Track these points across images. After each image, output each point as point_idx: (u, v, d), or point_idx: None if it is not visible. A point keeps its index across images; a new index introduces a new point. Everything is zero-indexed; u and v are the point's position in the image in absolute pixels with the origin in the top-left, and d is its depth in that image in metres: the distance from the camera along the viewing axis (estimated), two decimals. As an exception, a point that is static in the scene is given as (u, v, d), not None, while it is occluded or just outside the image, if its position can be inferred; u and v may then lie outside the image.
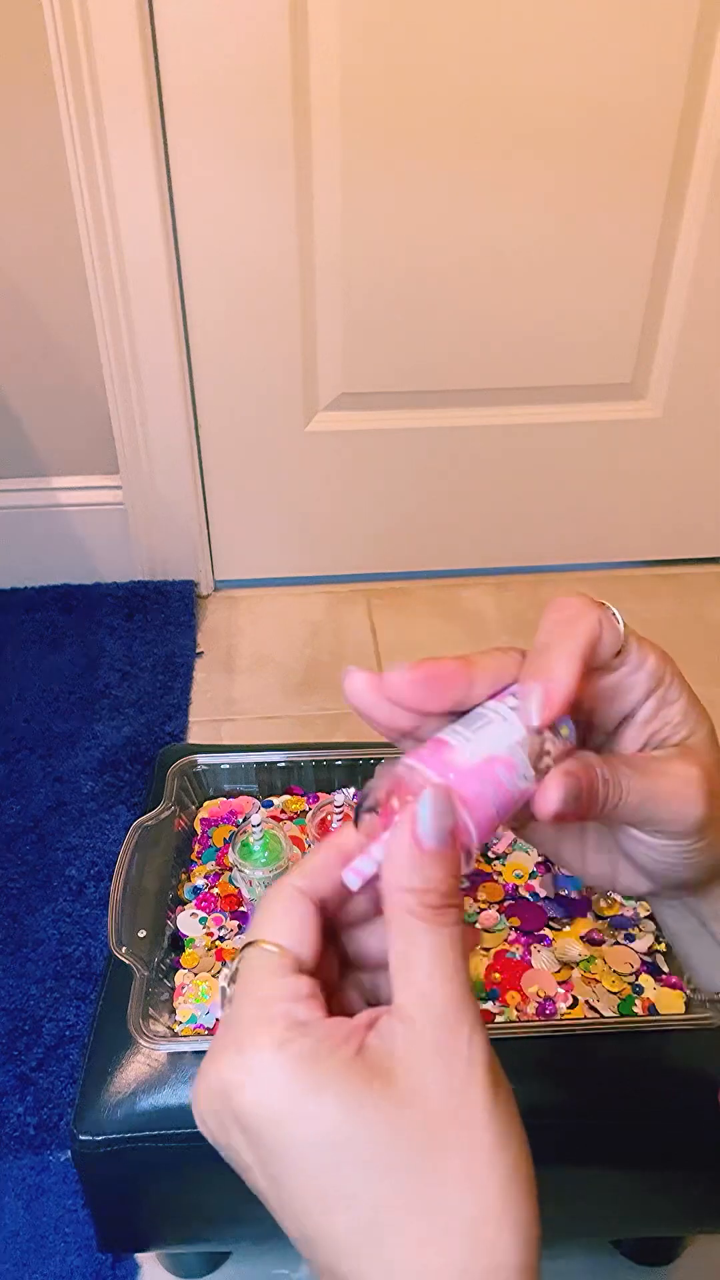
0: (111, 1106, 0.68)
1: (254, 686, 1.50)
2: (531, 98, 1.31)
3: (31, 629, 1.57)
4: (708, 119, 1.35)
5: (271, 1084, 0.29)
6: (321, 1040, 0.29)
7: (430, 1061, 0.29)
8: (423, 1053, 0.29)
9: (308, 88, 1.30)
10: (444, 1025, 0.30)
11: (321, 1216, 0.28)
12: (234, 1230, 0.79)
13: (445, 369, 1.52)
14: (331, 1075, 0.29)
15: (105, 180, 1.31)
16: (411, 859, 0.32)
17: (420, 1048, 0.29)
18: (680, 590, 1.70)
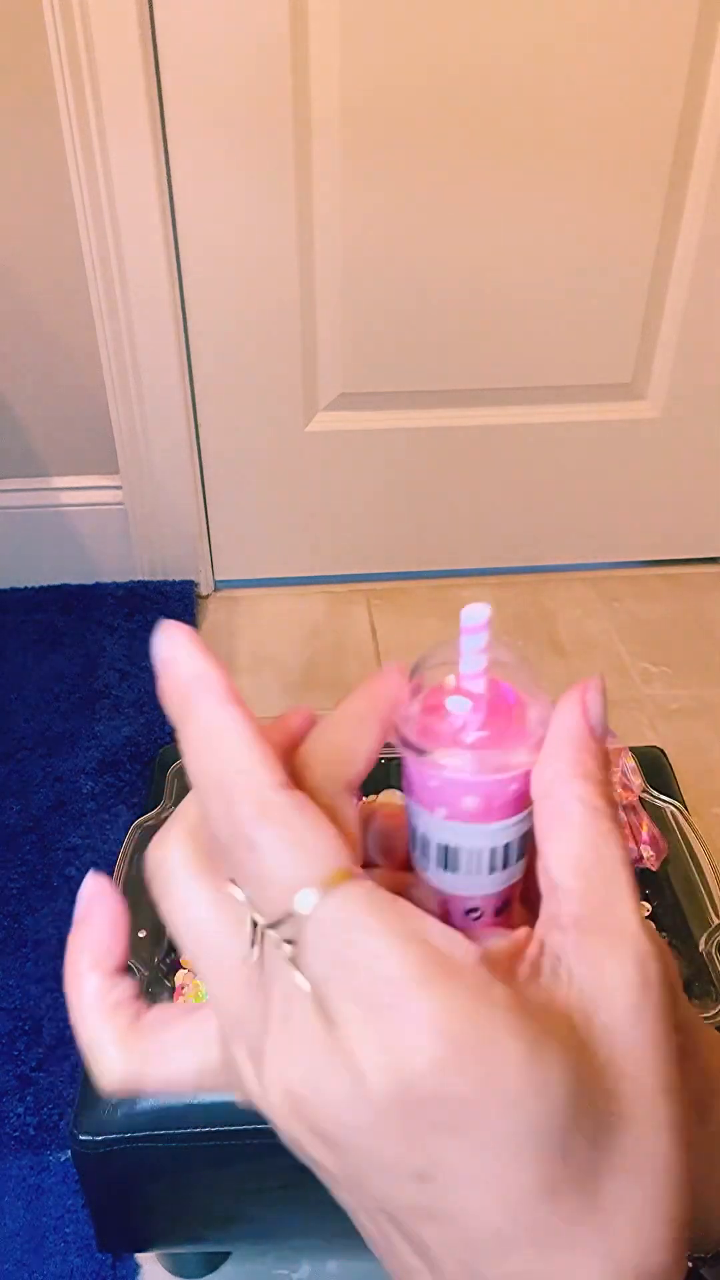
0: (111, 1106, 0.68)
1: (254, 686, 1.50)
2: (531, 97, 1.31)
3: (31, 629, 1.57)
4: (708, 119, 1.34)
5: (496, 1056, 0.21)
6: (501, 976, 0.23)
7: (629, 1001, 0.23)
8: (616, 991, 0.23)
9: (308, 87, 1.30)
10: (639, 956, 0.23)
11: (537, 1207, 0.22)
12: (234, 1230, 0.79)
13: (445, 369, 1.52)
14: (550, 1031, 0.22)
15: (105, 181, 1.31)
16: (590, 746, 0.26)
17: (611, 983, 0.23)
18: (680, 590, 1.70)
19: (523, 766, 0.27)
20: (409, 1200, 0.22)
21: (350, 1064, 0.22)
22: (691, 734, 1.40)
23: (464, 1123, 0.21)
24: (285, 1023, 0.23)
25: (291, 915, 0.22)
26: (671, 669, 1.51)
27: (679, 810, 0.83)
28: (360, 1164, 0.23)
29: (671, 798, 0.85)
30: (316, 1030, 0.22)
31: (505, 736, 0.27)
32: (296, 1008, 0.23)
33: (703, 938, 0.74)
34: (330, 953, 0.22)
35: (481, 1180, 0.22)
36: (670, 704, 1.45)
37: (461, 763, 0.26)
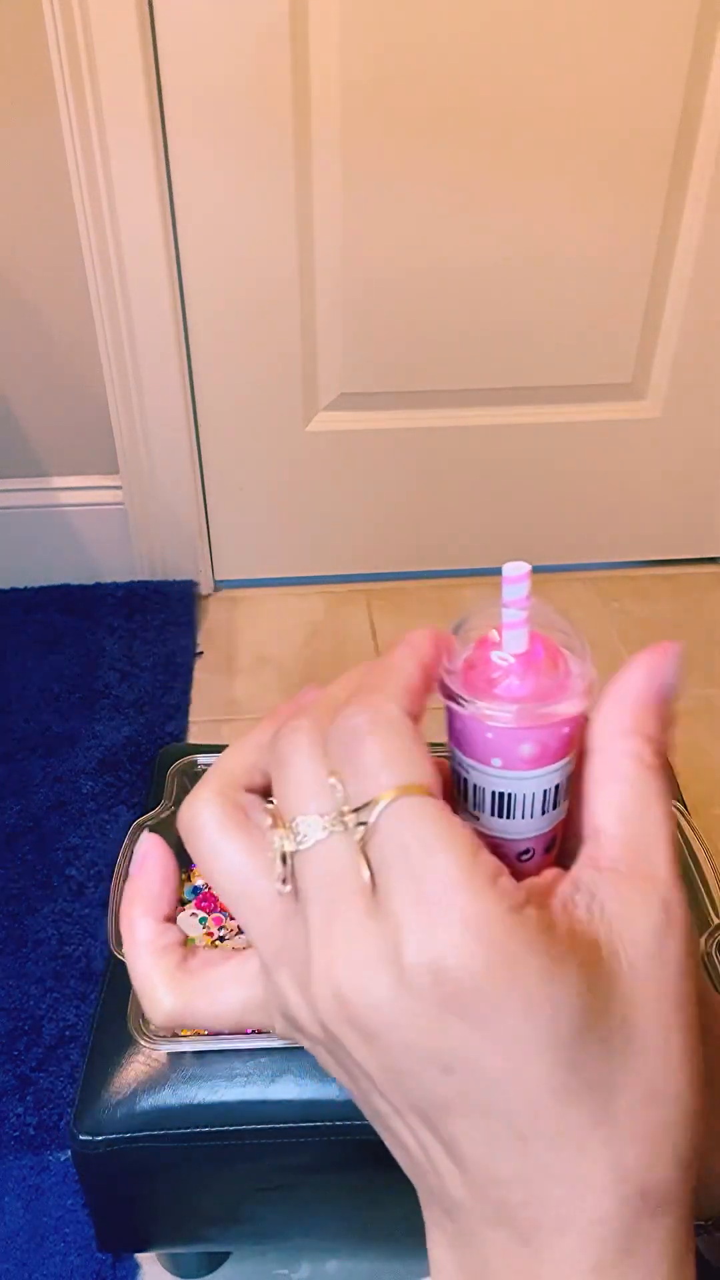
0: (111, 1106, 0.68)
1: (254, 686, 1.50)
2: (531, 97, 1.31)
3: (31, 629, 1.57)
4: (708, 119, 1.34)
5: (521, 958, 0.23)
6: (534, 904, 0.25)
7: (651, 940, 0.25)
8: (640, 926, 0.25)
9: (308, 88, 1.29)
10: (667, 901, 0.25)
11: (552, 1110, 0.24)
12: (234, 1230, 0.79)
13: (445, 369, 1.52)
14: (573, 950, 0.24)
15: (105, 181, 1.31)
16: (652, 705, 0.28)
17: (637, 920, 0.25)
18: (680, 590, 1.70)
19: (570, 712, 0.28)
20: (439, 1093, 0.24)
21: (394, 953, 0.24)
22: (691, 734, 1.40)
23: (487, 1018, 0.23)
24: (329, 932, 0.25)
25: (373, 804, 0.25)
26: (671, 669, 1.51)
27: (679, 810, 0.83)
28: (396, 1056, 0.25)
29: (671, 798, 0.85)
30: (364, 926, 0.24)
31: (550, 685, 0.28)
32: (343, 913, 0.25)
33: (703, 938, 0.74)
34: (398, 842, 0.24)
35: (500, 1075, 0.24)
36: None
37: (514, 713, 0.28)
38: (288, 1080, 0.69)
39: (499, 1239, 0.25)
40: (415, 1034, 0.24)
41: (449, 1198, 0.26)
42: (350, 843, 0.25)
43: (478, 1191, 0.25)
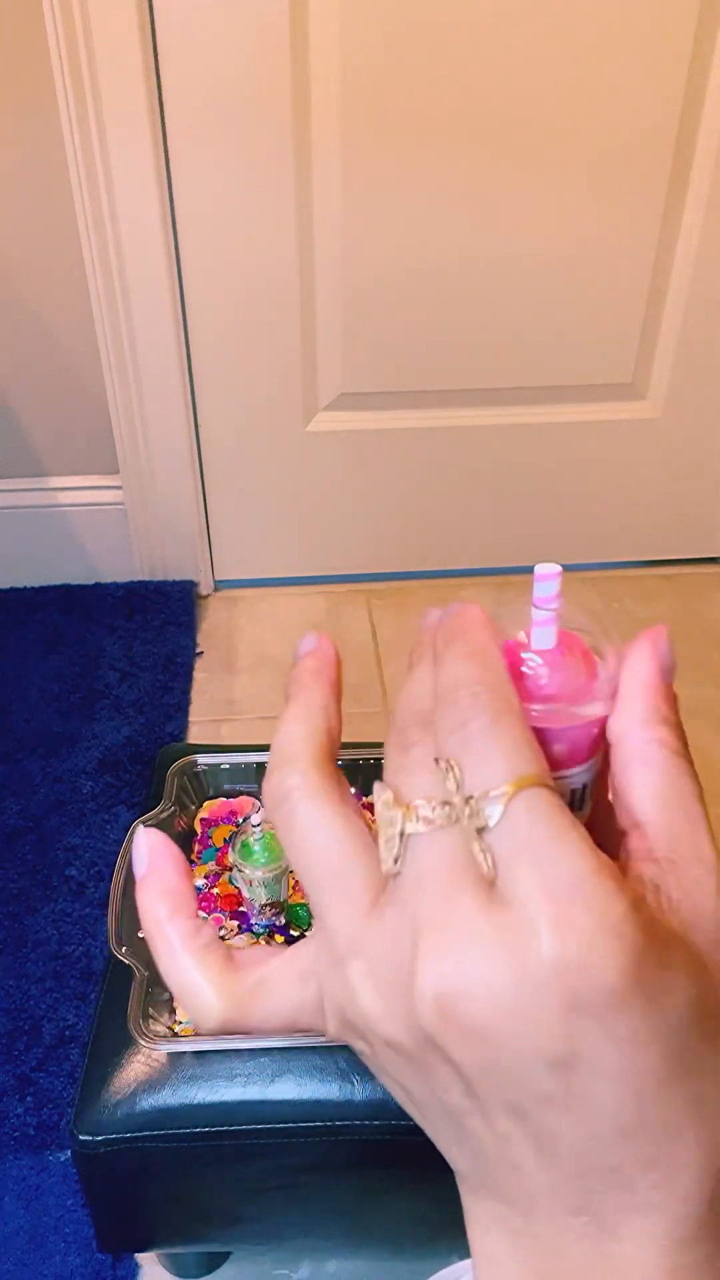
0: (111, 1106, 0.68)
1: (254, 686, 1.50)
2: (531, 98, 1.31)
3: (31, 629, 1.57)
4: (708, 119, 1.35)
5: (646, 958, 0.23)
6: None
7: (716, 921, 0.25)
8: (705, 911, 0.25)
9: (308, 89, 1.30)
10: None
11: (658, 1100, 0.24)
12: (234, 1230, 0.79)
13: (445, 369, 1.52)
14: (680, 946, 0.24)
15: (105, 181, 1.31)
16: (663, 690, 0.28)
17: (701, 905, 0.25)
18: (680, 590, 1.70)
19: (598, 714, 0.28)
20: (544, 1089, 0.24)
21: (523, 947, 0.23)
22: (691, 734, 1.39)
23: (612, 1015, 0.23)
24: (443, 923, 0.24)
25: (500, 795, 0.24)
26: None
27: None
28: (505, 1054, 0.24)
29: (671, 798, 0.85)
30: (487, 919, 0.23)
31: (578, 686, 0.28)
32: (461, 904, 0.24)
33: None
34: (525, 835, 0.24)
35: (614, 1071, 0.23)
36: (670, 704, 1.45)
37: (545, 712, 0.27)
38: (288, 1080, 0.69)
39: (577, 1226, 0.25)
40: (534, 1031, 0.23)
41: (522, 1190, 0.26)
42: (471, 832, 0.24)
43: (564, 1183, 0.25)
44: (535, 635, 0.29)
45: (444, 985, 0.24)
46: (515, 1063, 0.24)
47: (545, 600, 0.29)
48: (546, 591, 0.29)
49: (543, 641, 0.29)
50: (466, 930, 0.24)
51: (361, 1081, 0.68)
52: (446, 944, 0.24)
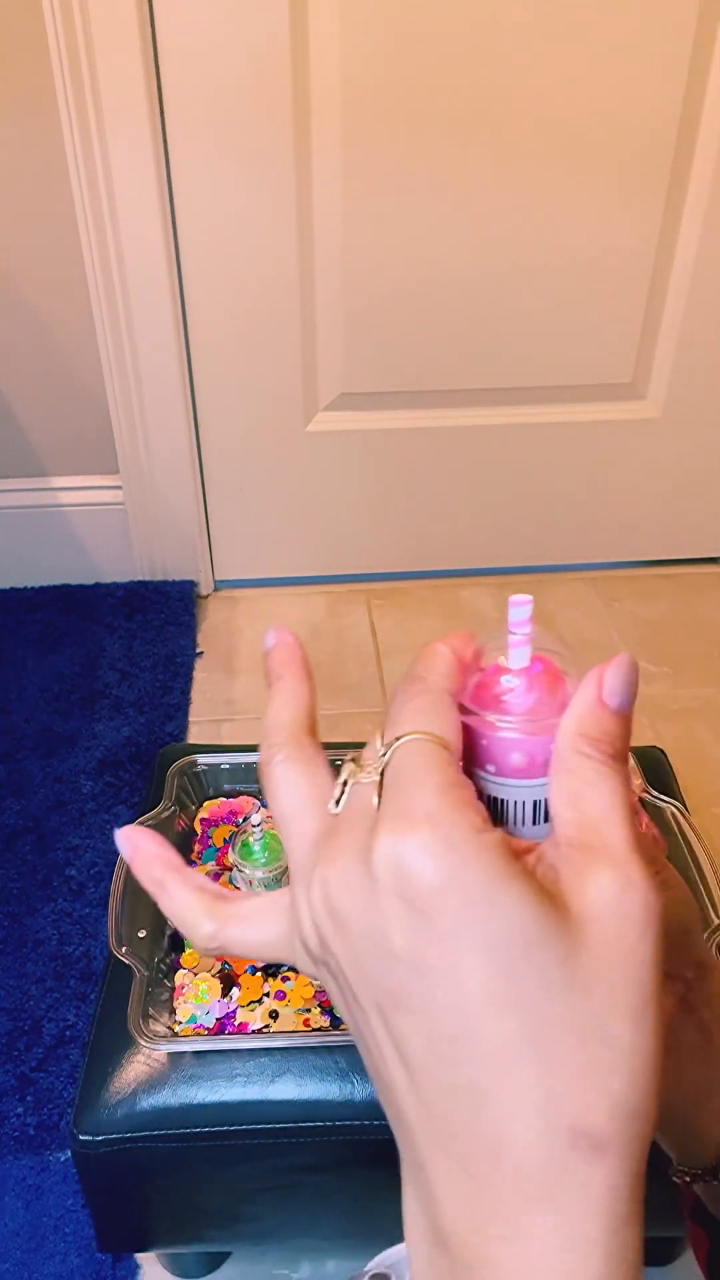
0: (111, 1106, 0.68)
1: (254, 686, 1.50)
2: (531, 97, 1.31)
3: (31, 629, 1.57)
4: (708, 119, 1.35)
5: (471, 864, 0.26)
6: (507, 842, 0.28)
7: (605, 899, 0.27)
8: (593, 888, 0.27)
9: (308, 88, 1.30)
10: (619, 863, 0.28)
11: (483, 1017, 0.26)
12: (234, 1230, 0.79)
13: (445, 369, 1.52)
14: (526, 875, 0.27)
15: (105, 181, 1.31)
16: (596, 711, 0.30)
17: (590, 882, 0.27)
18: (680, 590, 1.70)
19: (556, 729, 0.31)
20: (389, 983, 0.27)
21: (370, 851, 0.28)
22: (691, 734, 1.40)
23: (434, 911, 0.26)
24: (336, 839, 0.29)
25: (393, 743, 0.30)
26: (671, 669, 1.51)
27: (679, 810, 0.83)
28: (358, 943, 0.28)
29: (671, 798, 0.85)
30: (359, 837, 0.28)
31: (546, 704, 0.32)
32: (352, 828, 0.29)
33: (703, 937, 0.74)
34: (397, 770, 0.29)
35: (438, 967, 0.26)
36: (670, 704, 1.45)
37: (508, 723, 0.31)
38: (288, 1080, 0.69)
39: (442, 1165, 0.27)
40: (379, 924, 0.27)
41: (404, 1120, 0.28)
42: (376, 775, 0.30)
43: (423, 1107, 0.27)
44: (510, 656, 0.32)
45: (325, 890, 0.29)
46: (367, 952, 0.28)
47: (518, 624, 0.32)
48: (519, 616, 0.32)
49: (517, 661, 0.32)
50: (350, 846, 0.29)
51: (361, 1081, 0.68)
52: (334, 858, 0.29)
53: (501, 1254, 0.26)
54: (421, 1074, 0.27)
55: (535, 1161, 0.26)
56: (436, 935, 0.26)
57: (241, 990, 0.73)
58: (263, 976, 0.75)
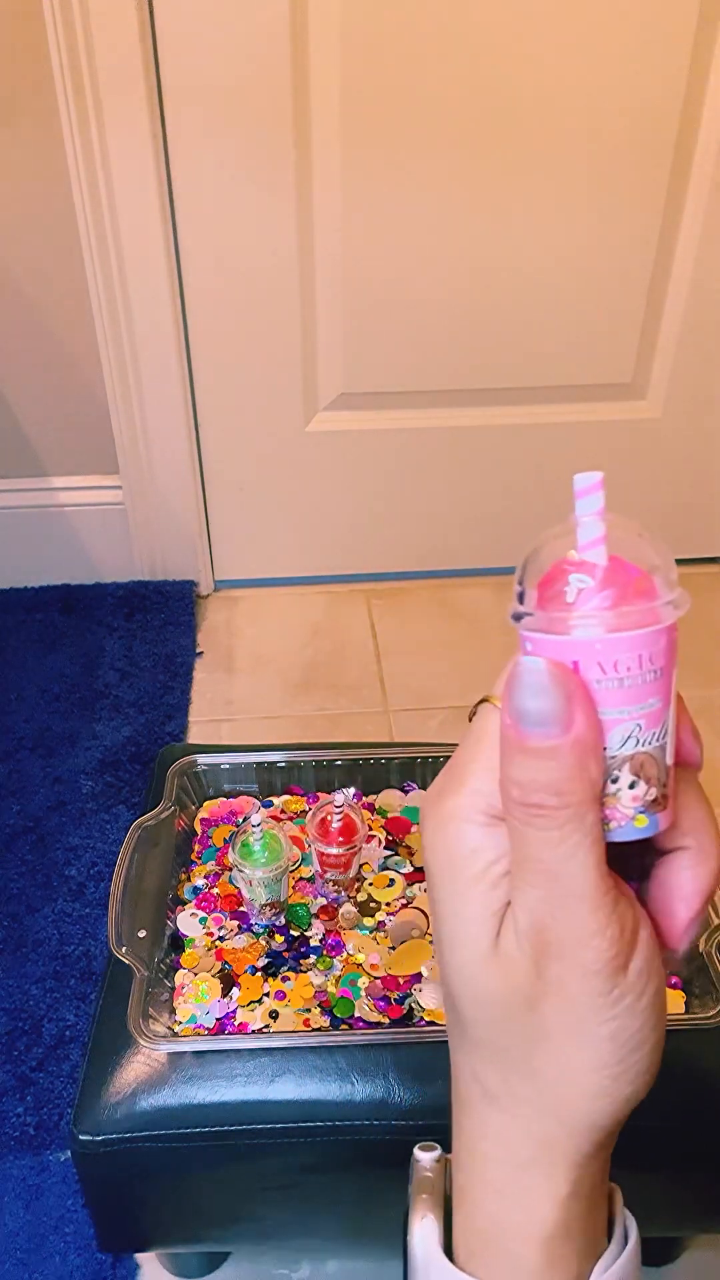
0: (111, 1106, 0.68)
1: (254, 686, 1.50)
2: (532, 98, 1.31)
3: (31, 629, 1.57)
4: (708, 120, 1.34)
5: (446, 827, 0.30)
6: (492, 847, 0.29)
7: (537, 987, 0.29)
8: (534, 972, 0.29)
9: (308, 88, 1.30)
10: (560, 960, 0.28)
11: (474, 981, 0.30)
12: (234, 1230, 0.79)
13: (445, 369, 1.52)
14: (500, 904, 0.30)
15: (105, 181, 1.31)
16: (510, 748, 0.28)
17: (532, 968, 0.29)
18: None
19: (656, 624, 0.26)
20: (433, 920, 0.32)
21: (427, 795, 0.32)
22: (691, 734, 1.40)
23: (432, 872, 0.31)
24: None
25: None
26: (671, 669, 1.51)
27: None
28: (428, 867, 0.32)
29: (671, 798, 0.84)
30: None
31: (635, 603, 0.27)
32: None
33: (703, 938, 0.74)
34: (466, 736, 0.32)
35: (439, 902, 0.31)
36: (670, 704, 1.45)
37: (596, 623, 0.26)
38: (288, 1080, 0.69)
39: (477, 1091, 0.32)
40: (421, 829, 0.31)
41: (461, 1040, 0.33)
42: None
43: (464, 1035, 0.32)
44: (583, 552, 0.27)
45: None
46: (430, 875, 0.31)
47: (590, 515, 0.27)
48: (590, 507, 0.27)
49: (592, 558, 0.27)
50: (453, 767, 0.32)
51: (361, 1081, 0.68)
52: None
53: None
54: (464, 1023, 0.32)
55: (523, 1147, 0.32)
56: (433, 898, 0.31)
57: (241, 990, 0.73)
58: (263, 977, 0.75)
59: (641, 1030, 0.29)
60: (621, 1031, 0.29)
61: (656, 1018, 0.30)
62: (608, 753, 0.27)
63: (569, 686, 0.27)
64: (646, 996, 0.29)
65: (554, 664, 0.26)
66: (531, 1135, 0.31)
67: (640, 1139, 0.69)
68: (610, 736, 0.27)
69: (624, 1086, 0.30)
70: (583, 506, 0.27)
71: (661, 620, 0.26)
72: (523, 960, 0.29)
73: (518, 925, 0.29)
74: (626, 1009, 0.29)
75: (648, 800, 0.28)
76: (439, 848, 0.30)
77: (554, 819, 0.27)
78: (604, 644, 0.26)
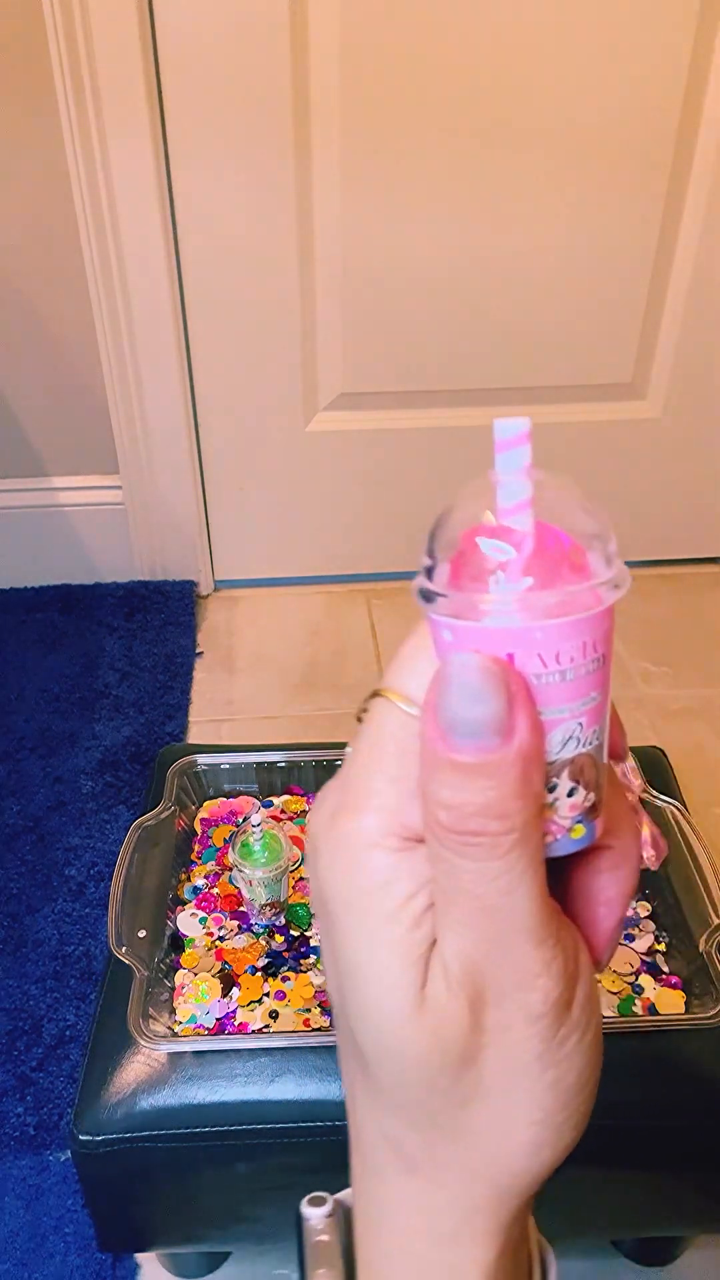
0: (111, 1106, 0.68)
1: (254, 686, 1.50)
2: (532, 97, 1.31)
3: (31, 629, 1.57)
4: (708, 119, 1.34)
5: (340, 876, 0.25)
6: (409, 877, 0.25)
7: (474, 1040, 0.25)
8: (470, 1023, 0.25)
9: (307, 88, 1.30)
10: (499, 1006, 0.25)
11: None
12: (234, 1230, 0.79)
13: (445, 369, 1.52)
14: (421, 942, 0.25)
15: (105, 180, 1.31)
16: (433, 759, 0.23)
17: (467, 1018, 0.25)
18: (680, 590, 1.70)
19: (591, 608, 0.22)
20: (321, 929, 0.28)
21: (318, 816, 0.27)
22: (691, 734, 1.40)
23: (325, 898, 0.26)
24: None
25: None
26: (671, 669, 1.51)
27: (679, 810, 0.83)
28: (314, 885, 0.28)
29: (671, 798, 0.85)
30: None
31: (555, 582, 0.22)
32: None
33: (703, 938, 0.74)
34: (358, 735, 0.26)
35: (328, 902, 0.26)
36: (670, 704, 1.45)
37: (514, 604, 0.22)
38: (288, 1080, 0.69)
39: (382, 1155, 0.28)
40: (311, 873, 0.27)
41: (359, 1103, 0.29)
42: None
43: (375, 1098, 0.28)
44: (504, 519, 0.22)
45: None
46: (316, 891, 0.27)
47: (513, 473, 0.22)
48: (513, 462, 0.22)
49: (515, 525, 0.22)
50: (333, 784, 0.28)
51: (361, 1081, 0.68)
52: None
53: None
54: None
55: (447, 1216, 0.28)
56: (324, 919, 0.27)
57: (241, 990, 0.73)
58: (263, 976, 0.75)
59: (585, 1070, 0.26)
60: (566, 1076, 0.26)
61: (598, 1053, 0.27)
62: (547, 757, 0.23)
63: (512, 687, 0.22)
64: (590, 1031, 0.26)
65: (492, 661, 0.22)
66: (458, 1204, 0.27)
67: (641, 1139, 0.70)
68: (550, 739, 0.23)
69: (566, 1135, 0.27)
70: (505, 462, 0.22)
71: (604, 601, 0.22)
72: (456, 1011, 0.25)
73: (448, 971, 0.25)
74: (572, 1049, 0.26)
75: (586, 807, 0.25)
76: (339, 881, 0.25)
77: (495, 848, 0.23)
78: (546, 632, 0.22)
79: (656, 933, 0.78)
